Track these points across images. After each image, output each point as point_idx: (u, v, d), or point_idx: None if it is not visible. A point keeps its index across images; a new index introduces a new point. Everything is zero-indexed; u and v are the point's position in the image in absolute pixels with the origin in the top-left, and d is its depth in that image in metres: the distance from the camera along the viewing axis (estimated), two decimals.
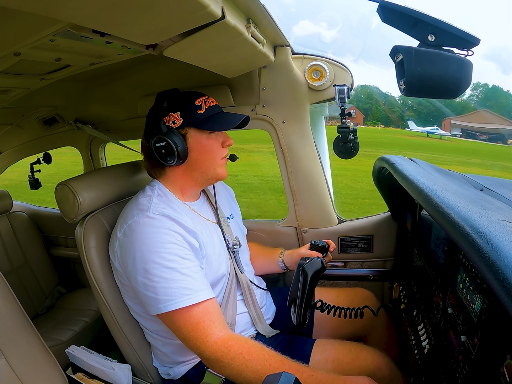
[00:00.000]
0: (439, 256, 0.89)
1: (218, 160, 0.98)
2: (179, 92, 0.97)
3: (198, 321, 0.82)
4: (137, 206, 0.90)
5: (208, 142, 0.94)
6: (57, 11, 0.53)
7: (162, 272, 0.81)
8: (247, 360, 0.78)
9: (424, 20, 0.73)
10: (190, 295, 0.81)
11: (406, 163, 1.02)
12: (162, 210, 0.88)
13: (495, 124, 15.31)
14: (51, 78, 1.06)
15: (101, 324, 1.61)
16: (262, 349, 0.82)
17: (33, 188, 2.05)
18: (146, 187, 0.99)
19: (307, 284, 0.87)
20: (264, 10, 0.81)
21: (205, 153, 0.95)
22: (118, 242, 0.89)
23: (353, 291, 1.23)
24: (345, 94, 1.17)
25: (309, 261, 0.92)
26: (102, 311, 1.02)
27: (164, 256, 0.82)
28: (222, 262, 0.99)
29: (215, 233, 1.03)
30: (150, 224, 0.85)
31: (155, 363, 1.04)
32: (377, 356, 0.96)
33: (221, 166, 0.99)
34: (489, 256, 0.45)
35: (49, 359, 0.84)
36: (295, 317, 0.88)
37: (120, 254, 0.89)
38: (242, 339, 0.84)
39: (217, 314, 0.86)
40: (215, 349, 0.80)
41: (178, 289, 0.81)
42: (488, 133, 15.52)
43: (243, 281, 1.05)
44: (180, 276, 0.82)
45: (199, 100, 0.93)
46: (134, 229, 0.85)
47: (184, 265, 0.84)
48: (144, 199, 0.93)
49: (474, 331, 0.62)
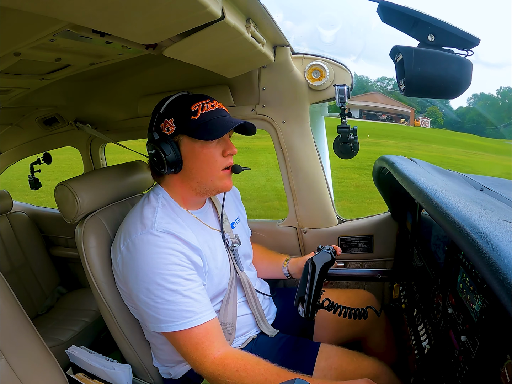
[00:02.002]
0: (439, 256, 0.89)
1: (217, 171, 0.91)
2: (181, 96, 0.92)
3: (198, 342, 0.83)
4: (141, 220, 0.88)
5: (202, 151, 0.88)
6: (57, 11, 0.53)
7: (165, 294, 0.81)
8: (243, 377, 0.80)
9: (424, 20, 0.73)
10: (191, 318, 0.82)
11: (406, 163, 1.02)
12: (166, 226, 0.86)
13: (387, 105, 15.93)
14: (51, 78, 1.06)
15: (101, 324, 1.60)
16: (258, 363, 0.82)
17: (33, 188, 2.05)
18: (150, 194, 0.96)
19: (316, 275, 0.87)
20: (264, 10, 0.81)
21: (200, 162, 0.89)
22: (121, 255, 0.88)
23: (354, 292, 1.23)
24: (345, 94, 1.17)
25: (318, 253, 0.91)
26: (102, 311, 1.02)
27: (167, 278, 0.81)
28: (224, 275, 0.98)
29: (218, 239, 1.02)
30: (154, 244, 0.83)
31: (155, 363, 1.03)
32: (377, 365, 0.97)
33: (221, 178, 0.92)
34: (489, 256, 0.45)
35: (49, 359, 0.85)
36: (303, 311, 0.88)
37: (122, 267, 0.88)
38: (239, 355, 0.84)
39: (217, 332, 0.86)
40: (213, 368, 0.82)
41: (180, 312, 0.82)
42: (386, 113, 16.18)
43: (244, 280, 1.04)
44: (183, 299, 0.82)
45: (196, 105, 0.88)
46: (138, 246, 0.84)
47: (187, 286, 0.83)
48: (149, 210, 0.90)
49: (474, 331, 0.61)
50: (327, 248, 0.99)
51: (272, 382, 0.78)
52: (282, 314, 1.17)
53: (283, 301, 1.20)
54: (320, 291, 0.89)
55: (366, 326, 1.14)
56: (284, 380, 0.77)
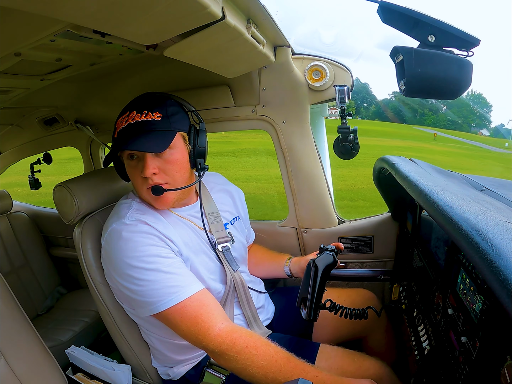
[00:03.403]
0: (440, 256, 0.89)
1: (142, 189, 0.89)
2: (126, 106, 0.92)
3: (195, 314, 0.81)
4: (117, 214, 0.91)
5: (127, 168, 0.91)
6: (58, 11, 0.53)
7: (145, 275, 0.81)
8: (253, 355, 0.77)
9: (424, 20, 0.73)
10: (178, 292, 0.81)
11: (406, 164, 1.02)
12: (139, 216, 0.88)
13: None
14: (51, 78, 1.06)
15: (101, 324, 1.60)
16: (268, 345, 0.81)
17: (33, 188, 2.05)
18: (130, 192, 0.99)
19: (318, 277, 0.87)
20: (265, 11, 0.81)
21: (130, 177, 0.92)
22: (103, 250, 0.90)
23: (355, 291, 1.23)
24: (346, 94, 1.17)
25: (320, 255, 0.91)
26: (101, 312, 1.02)
27: (144, 259, 0.82)
28: (215, 279, 0.97)
29: (203, 237, 0.99)
30: (127, 230, 0.85)
31: (154, 363, 1.03)
32: (379, 366, 0.97)
33: (150, 198, 0.90)
34: (489, 257, 0.45)
35: (49, 359, 0.85)
36: (305, 313, 0.87)
37: (105, 261, 0.90)
38: (247, 332, 0.83)
39: (214, 304, 0.85)
40: (219, 341, 0.79)
41: (164, 288, 0.81)
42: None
43: (238, 280, 1.02)
44: (164, 275, 0.82)
45: (120, 119, 0.88)
46: (113, 236, 0.86)
47: (165, 263, 0.83)
48: (125, 205, 0.93)
49: (475, 332, 0.61)
50: (330, 249, 0.97)
51: (281, 366, 0.76)
52: (281, 313, 1.16)
53: (283, 300, 1.20)
54: (323, 293, 0.88)
55: (366, 325, 1.13)
56: (293, 366, 0.77)
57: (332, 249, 0.99)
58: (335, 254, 0.95)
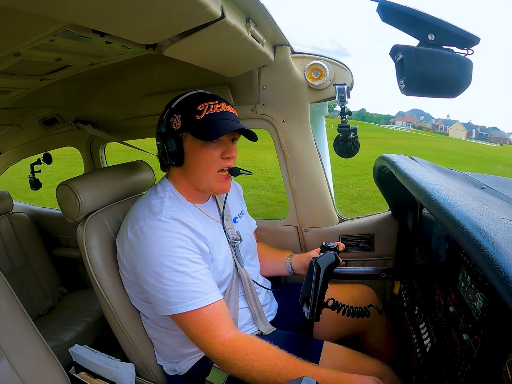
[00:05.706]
0: (440, 254, 0.89)
1: (213, 171, 0.93)
2: (194, 94, 0.94)
3: (207, 323, 0.83)
4: (149, 208, 0.91)
5: (202, 150, 0.91)
6: (57, 11, 0.53)
7: (174, 276, 0.83)
8: (253, 361, 0.80)
9: (424, 19, 0.73)
10: (200, 298, 0.83)
11: (406, 162, 1.02)
12: (174, 214, 0.89)
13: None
14: (51, 78, 1.06)
15: (103, 324, 1.62)
16: (268, 349, 0.83)
17: (33, 189, 2.05)
18: (157, 186, 0.99)
19: (321, 277, 0.87)
20: (264, 10, 0.81)
21: (199, 160, 0.92)
22: (129, 242, 0.89)
23: (354, 287, 1.23)
24: (345, 93, 1.17)
25: (322, 255, 0.91)
26: (104, 310, 1.02)
27: (175, 260, 0.83)
28: (227, 264, 1.00)
29: (221, 232, 1.04)
30: (162, 228, 0.86)
31: (159, 360, 1.04)
32: (380, 366, 0.97)
33: (217, 180, 0.94)
34: (490, 255, 0.45)
35: (51, 359, 0.85)
36: (308, 313, 0.88)
37: (130, 254, 0.90)
38: (249, 339, 0.85)
39: (225, 314, 0.87)
40: (222, 350, 0.82)
41: (189, 292, 0.83)
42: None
43: (244, 276, 1.05)
44: (191, 280, 0.84)
45: (203, 105, 0.90)
46: (146, 232, 0.86)
47: (194, 268, 0.85)
48: (157, 201, 0.93)
49: (476, 330, 0.62)
50: (332, 247, 0.98)
51: (281, 368, 0.79)
52: (283, 309, 1.18)
53: (285, 297, 1.21)
54: (325, 292, 0.89)
55: (366, 321, 1.14)
56: (292, 367, 0.79)
57: (334, 247, 0.99)
58: (337, 252, 0.95)
